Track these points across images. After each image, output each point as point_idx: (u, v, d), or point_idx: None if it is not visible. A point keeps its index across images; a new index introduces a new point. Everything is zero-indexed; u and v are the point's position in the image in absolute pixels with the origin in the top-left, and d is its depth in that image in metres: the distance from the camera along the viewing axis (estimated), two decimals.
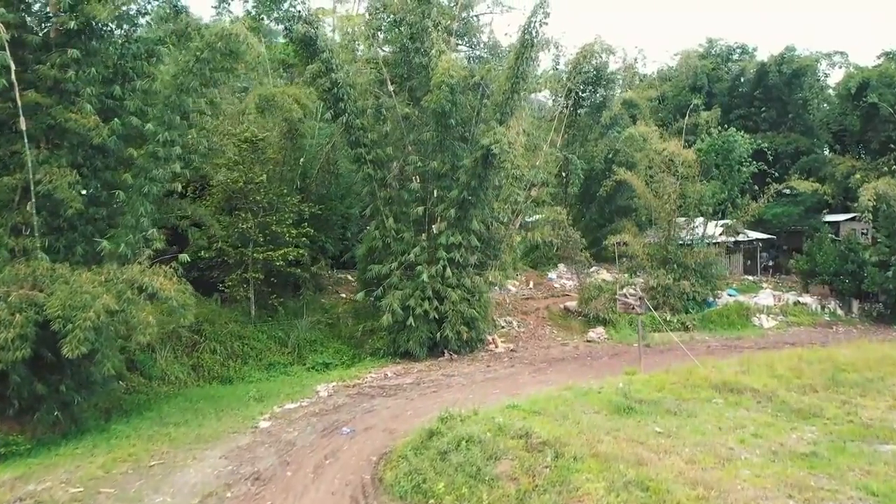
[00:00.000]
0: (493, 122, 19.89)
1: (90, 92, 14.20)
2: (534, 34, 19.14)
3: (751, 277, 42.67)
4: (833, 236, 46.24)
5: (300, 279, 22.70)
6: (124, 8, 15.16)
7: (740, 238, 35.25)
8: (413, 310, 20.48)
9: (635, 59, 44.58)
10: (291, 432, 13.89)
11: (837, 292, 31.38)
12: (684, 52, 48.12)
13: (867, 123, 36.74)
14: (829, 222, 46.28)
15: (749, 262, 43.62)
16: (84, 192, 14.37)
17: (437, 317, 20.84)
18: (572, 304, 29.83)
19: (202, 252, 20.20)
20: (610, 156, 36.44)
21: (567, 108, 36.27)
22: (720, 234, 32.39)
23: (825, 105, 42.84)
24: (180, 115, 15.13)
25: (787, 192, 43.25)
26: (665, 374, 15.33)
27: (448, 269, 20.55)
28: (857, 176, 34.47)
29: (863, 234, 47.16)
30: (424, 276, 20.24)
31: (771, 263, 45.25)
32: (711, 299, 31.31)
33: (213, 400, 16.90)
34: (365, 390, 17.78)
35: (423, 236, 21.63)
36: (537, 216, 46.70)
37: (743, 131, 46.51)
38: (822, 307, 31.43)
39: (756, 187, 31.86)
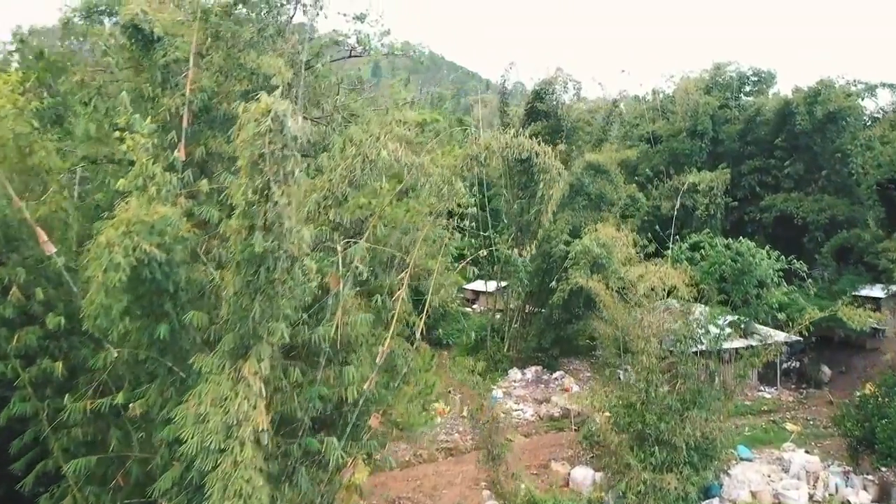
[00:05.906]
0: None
1: None
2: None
3: (767, 394, 31.97)
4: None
5: None
6: None
7: (754, 342, 24.25)
8: None
9: (614, 102, 33.20)
10: None
11: None
12: (684, 80, 37.03)
13: None
14: (865, 297, 35.40)
15: (765, 367, 32.71)
16: None
17: None
18: None
19: None
20: (564, 255, 25.49)
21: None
22: (728, 334, 21.59)
23: (871, 159, 31.47)
24: None
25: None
26: None
27: None
28: None
29: None
30: None
31: (795, 365, 34.31)
32: (715, 483, 20.47)
33: None
34: None
35: None
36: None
37: (759, 188, 35.82)
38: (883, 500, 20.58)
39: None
